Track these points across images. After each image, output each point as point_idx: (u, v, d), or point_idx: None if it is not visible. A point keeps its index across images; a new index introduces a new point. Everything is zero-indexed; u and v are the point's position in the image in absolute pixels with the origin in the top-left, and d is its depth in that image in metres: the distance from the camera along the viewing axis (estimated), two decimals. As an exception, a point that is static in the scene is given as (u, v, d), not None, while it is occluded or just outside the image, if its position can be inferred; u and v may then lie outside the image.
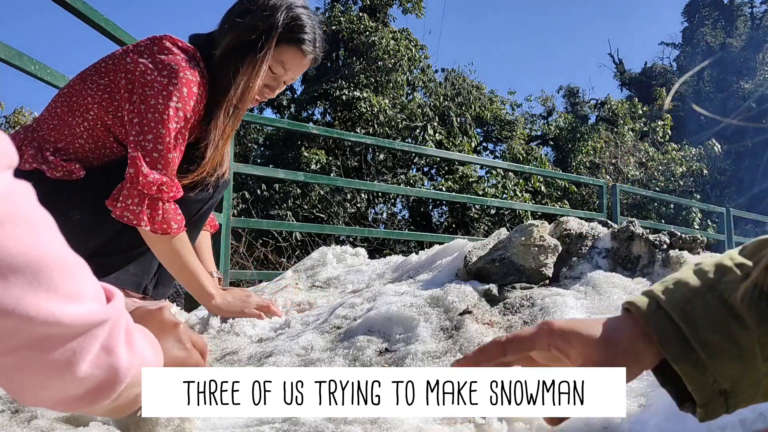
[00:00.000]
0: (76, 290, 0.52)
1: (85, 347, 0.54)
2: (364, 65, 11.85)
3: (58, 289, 0.50)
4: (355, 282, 1.91)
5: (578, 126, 15.88)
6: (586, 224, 1.64)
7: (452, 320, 1.27)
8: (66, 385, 0.56)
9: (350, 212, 10.11)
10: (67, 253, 0.52)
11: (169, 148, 1.40)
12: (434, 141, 11.16)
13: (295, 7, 1.54)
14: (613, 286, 1.35)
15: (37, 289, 0.48)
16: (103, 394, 0.60)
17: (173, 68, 1.42)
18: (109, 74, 1.47)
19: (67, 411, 0.63)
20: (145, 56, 1.44)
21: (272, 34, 1.50)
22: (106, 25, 2.47)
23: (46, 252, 0.49)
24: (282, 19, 1.51)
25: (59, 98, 1.51)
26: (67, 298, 0.51)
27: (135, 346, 0.63)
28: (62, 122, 1.47)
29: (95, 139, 1.47)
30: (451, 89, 13.13)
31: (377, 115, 11.03)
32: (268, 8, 1.51)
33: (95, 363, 0.56)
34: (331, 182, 7.49)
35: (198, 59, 1.50)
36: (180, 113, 1.41)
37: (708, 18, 25.28)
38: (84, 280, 0.54)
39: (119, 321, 0.59)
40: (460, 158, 10.04)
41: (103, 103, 1.45)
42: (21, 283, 0.47)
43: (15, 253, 0.46)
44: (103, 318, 0.55)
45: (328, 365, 1.16)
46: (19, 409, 1.00)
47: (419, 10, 12.96)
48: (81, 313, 0.52)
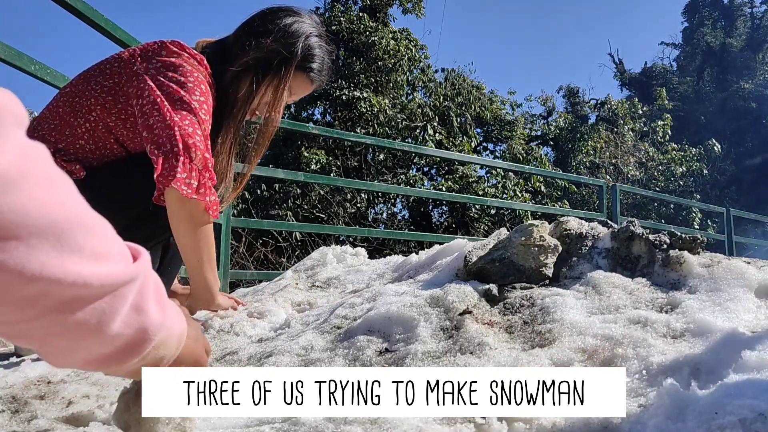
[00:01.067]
0: (102, 250, 0.51)
1: (114, 307, 0.54)
2: (364, 65, 11.85)
3: (83, 249, 0.49)
4: (355, 282, 1.91)
5: (578, 126, 15.88)
6: (586, 224, 1.64)
7: (452, 320, 1.27)
8: (97, 345, 0.55)
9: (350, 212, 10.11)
10: (89, 212, 0.51)
11: (206, 135, 1.41)
12: (434, 141, 11.15)
13: (312, 36, 1.59)
14: (613, 286, 1.35)
15: (61, 251, 0.47)
16: (132, 353, 0.59)
17: (186, 68, 1.44)
18: (114, 77, 1.47)
19: (97, 370, 0.62)
20: (154, 60, 1.44)
21: (292, 62, 1.56)
22: (105, 24, 2.47)
23: (69, 212, 0.48)
24: (301, 48, 1.56)
25: (61, 98, 1.51)
26: (93, 258, 0.50)
27: (165, 305, 0.63)
28: (63, 122, 1.47)
29: (96, 139, 1.47)
30: (451, 89, 13.13)
31: (377, 115, 11.03)
32: (290, 35, 1.55)
33: (125, 322, 0.56)
34: (331, 182, 7.49)
35: (205, 66, 1.50)
36: (205, 106, 1.43)
37: (708, 18, 25.28)
38: (108, 239, 0.52)
39: (148, 279, 0.58)
40: (460, 158, 10.04)
41: (107, 105, 1.45)
42: (45, 246, 0.46)
43: (36, 215, 0.45)
44: (130, 277, 0.54)
45: (328, 365, 1.16)
46: (19, 409, 1.00)
47: (419, 10, 12.96)
48: (108, 273, 0.51)
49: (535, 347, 1.12)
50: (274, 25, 1.55)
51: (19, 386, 1.13)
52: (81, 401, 1.03)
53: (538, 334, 1.17)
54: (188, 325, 0.78)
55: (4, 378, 1.18)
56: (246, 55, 1.52)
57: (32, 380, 1.17)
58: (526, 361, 1.04)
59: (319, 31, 1.62)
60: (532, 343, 1.14)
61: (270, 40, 1.53)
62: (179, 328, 0.70)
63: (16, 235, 0.44)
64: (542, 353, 1.07)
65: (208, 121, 1.44)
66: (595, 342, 1.08)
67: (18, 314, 0.48)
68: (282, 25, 1.55)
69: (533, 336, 1.17)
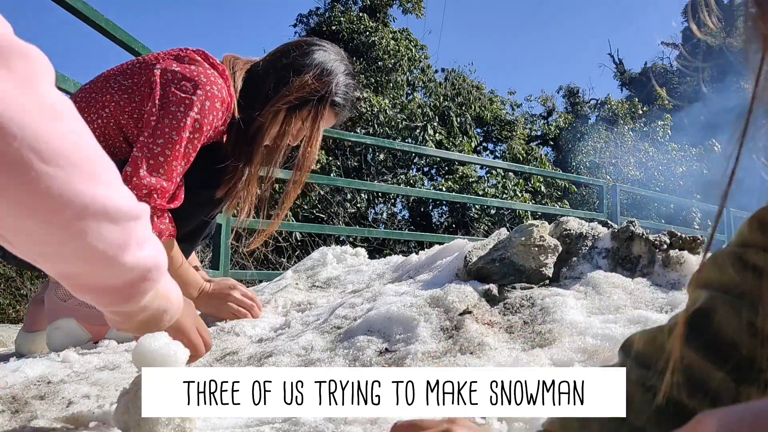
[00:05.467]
0: (118, 184, 0.62)
1: (126, 241, 0.63)
2: (364, 65, 11.85)
3: (110, 183, 0.60)
4: (355, 282, 1.91)
5: (578, 126, 15.88)
6: (586, 224, 1.63)
7: (452, 320, 1.26)
8: (109, 275, 0.65)
9: (350, 212, 10.11)
10: (107, 156, 0.62)
11: (177, 156, 1.40)
12: (434, 141, 11.15)
13: (342, 74, 1.62)
14: (613, 286, 1.35)
15: (91, 181, 0.57)
16: (138, 290, 0.69)
17: (200, 80, 1.43)
18: (134, 77, 1.48)
19: (107, 307, 0.72)
20: (174, 65, 1.45)
21: (328, 100, 1.58)
22: (106, 25, 2.47)
23: (95, 151, 0.59)
24: (334, 86, 1.59)
25: (80, 93, 1.52)
26: (115, 188, 0.61)
27: (164, 261, 0.72)
28: None
29: (106, 137, 1.48)
30: (451, 89, 13.13)
31: (377, 115, 11.02)
32: (327, 72, 1.58)
33: (135, 257, 0.65)
34: (331, 182, 7.49)
35: (226, 78, 1.50)
36: (197, 124, 1.42)
37: (708, 18, 25.25)
38: (120, 180, 0.63)
39: (148, 225, 0.68)
40: (460, 158, 10.04)
41: (121, 102, 1.46)
42: (79, 175, 0.56)
43: (74, 149, 0.55)
44: (138, 212, 0.64)
45: (328, 365, 1.15)
46: (19, 409, 1.00)
47: (419, 10, 12.96)
48: (125, 203, 0.62)
49: (535, 347, 1.12)
50: (311, 60, 1.57)
51: (19, 386, 1.13)
52: (81, 401, 1.03)
53: (538, 334, 1.17)
54: (190, 313, 0.89)
55: (4, 378, 1.18)
56: (289, 93, 1.54)
57: (32, 380, 1.17)
58: (526, 361, 1.04)
59: (347, 66, 1.65)
60: (532, 343, 1.14)
61: (310, 77, 1.55)
62: (177, 291, 0.80)
63: (59, 163, 0.54)
64: (542, 353, 1.07)
65: (198, 138, 1.43)
66: (595, 342, 1.08)
67: (56, 235, 0.57)
68: (318, 61, 1.57)
69: (533, 336, 1.17)
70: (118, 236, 0.61)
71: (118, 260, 0.63)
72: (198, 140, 1.44)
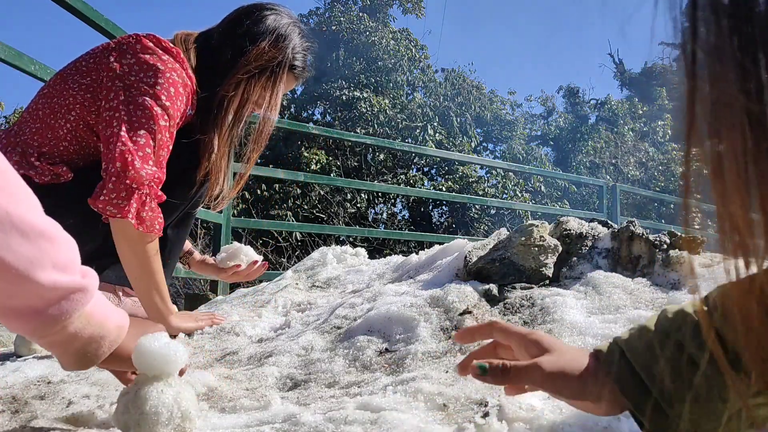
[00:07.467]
0: (37, 208, 0.64)
1: (44, 254, 0.63)
2: (364, 65, 11.85)
3: (26, 202, 0.62)
4: (355, 282, 1.91)
5: (578, 126, 15.88)
6: (586, 224, 1.63)
7: (452, 320, 1.26)
8: (28, 292, 0.64)
9: (350, 212, 10.11)
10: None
11: (161, 145, 1.40)
12: (434, 141, 11.15)
13: (297, 37, 1.61)
14: (613, 286, 1.35)
15: (2, 193, 0.59)
16: (58, 309, 0.67)
17: (158, 68, 1.41)
18: (91, 73, 1.45)
19: (36, 336, 0.69)
20: (129, 56, 1.42)
21: (285, 65, 1.58)
22: (106, 25, 2.47)
23: (15, 174, 0.62)
24: (291, 50, 1.58)
25: (40, 99, 1.49)
26: (32, 209, 0.63)
27: (96, 284, 0.72)
28: (44, 125, 1.45)
29: (79, 140, 1.46)
30: (451, 89, 13.13)
31: (377, 115, 11.03)
32: (282, 38, 1.57)
33: (52, 277, 0.65)
34: (331, 182, 7.49)
35: (181, 61, 1.48)
36: (169, 111, 1.41)
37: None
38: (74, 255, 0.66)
39: (76, 254, 0.69)
40: (460, 158, 10.04)
41: (86, 103, 1.44)
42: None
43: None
44: (58, 238, 0.66)
45: (328, 365, 1.15)
46: (19, 409, 1.00)
47: (419, 10, 12.97)
48: (44, 225, 0.63)
49: (535, 347, 1.12)
50: (265, 27, 1.56)
51: (19, 386, 1.13)
52: (81, 401, 1.03)
53: (538, 334, 1.17)
54: (136, 326, 0.83)
55: (4, 378, 1.18)
56: (247, 62, 1.53)
57: (32, 380, 1.17)
58: (526, 361, 1.04)
59: (300, 28, 1.64)
60: (532, 343, 1.14)
61: (267, 45, 1.54)
62: (119, 317, 0.77)
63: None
64: (542, 353, 1.07)
65: (172, 125, 1.42)
66: (595, 342, 1.08)
67: None
68: (272, 27, 1.57)
69: (533, 336, 1.17)
70: (29, 252, 0.61)
71: (31, 277, 0.62)
72: (173, 127, 1.43)
